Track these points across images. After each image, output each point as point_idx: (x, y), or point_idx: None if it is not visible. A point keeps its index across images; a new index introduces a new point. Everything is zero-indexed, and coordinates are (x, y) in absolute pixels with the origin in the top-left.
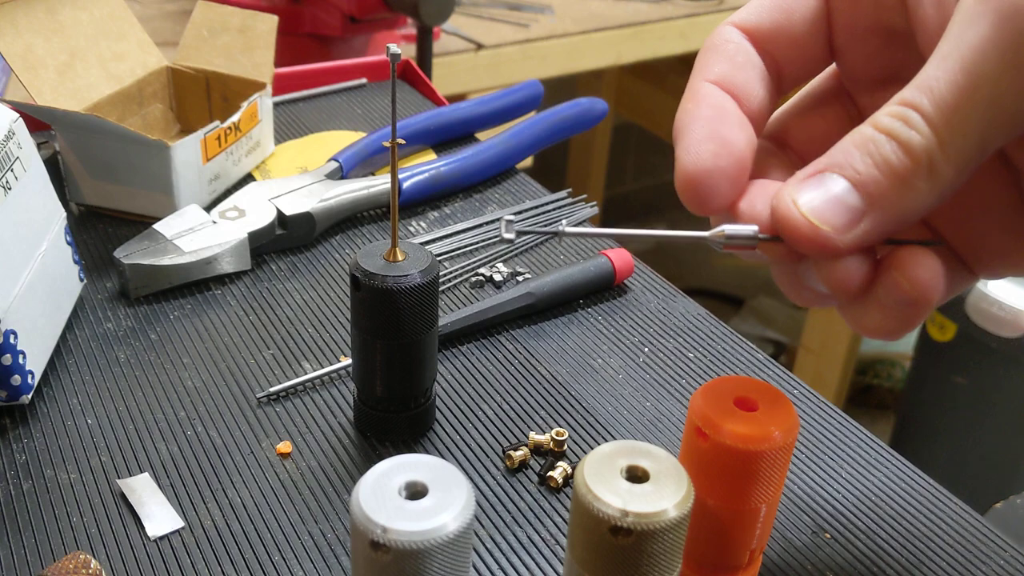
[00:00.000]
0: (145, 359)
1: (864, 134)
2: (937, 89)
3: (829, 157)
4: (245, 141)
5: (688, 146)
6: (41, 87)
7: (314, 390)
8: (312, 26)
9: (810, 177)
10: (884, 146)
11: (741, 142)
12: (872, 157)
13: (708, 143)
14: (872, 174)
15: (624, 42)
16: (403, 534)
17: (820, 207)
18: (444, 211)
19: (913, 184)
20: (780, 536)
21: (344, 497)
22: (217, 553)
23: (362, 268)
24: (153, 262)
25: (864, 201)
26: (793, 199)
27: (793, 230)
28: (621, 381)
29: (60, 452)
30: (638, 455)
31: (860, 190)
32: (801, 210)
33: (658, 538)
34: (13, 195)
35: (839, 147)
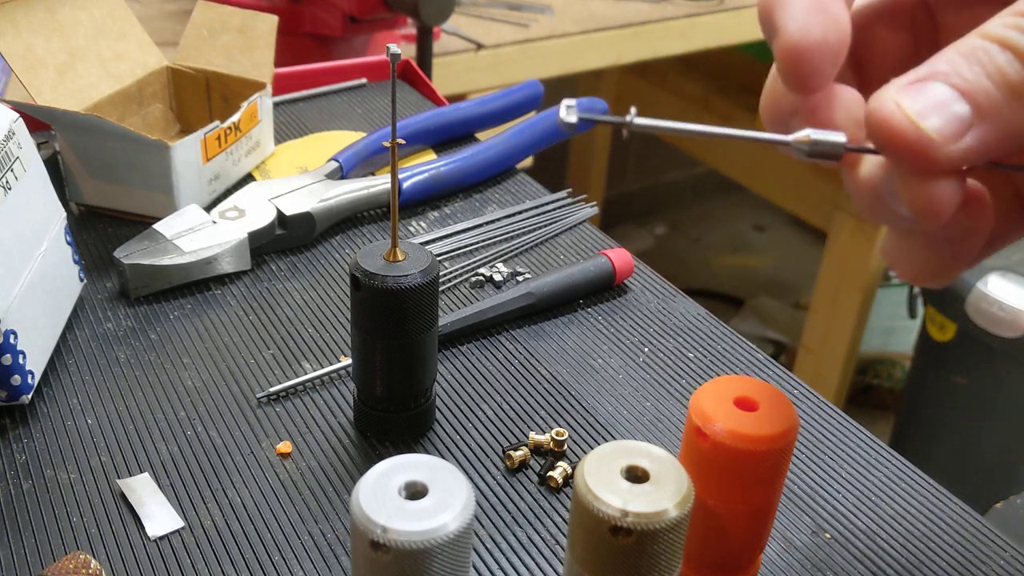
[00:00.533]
0: (145, 359)
1: (972, 44)
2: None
3: (931, 65)
4: (245, 141)
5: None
6: (41, 87)
7: (314, 390)
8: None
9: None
10: (997, 56)
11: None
12: (983, 66)
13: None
14: (983, 83)
15: (624, 42)
16: (403, 534)
17: (925, 111)
18: (444, 211)
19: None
20: (780, 536)
21: (344, 497)
22: (217, 553)
23: (362, 268)
24: (153, 262)
25: (973, 111)
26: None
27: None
28: (621, 381)
29: (60, 452)
30: (638, 455)
31: (969, 99)
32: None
33: (658, 538)
34: (13, 195)
35: (942, 56)
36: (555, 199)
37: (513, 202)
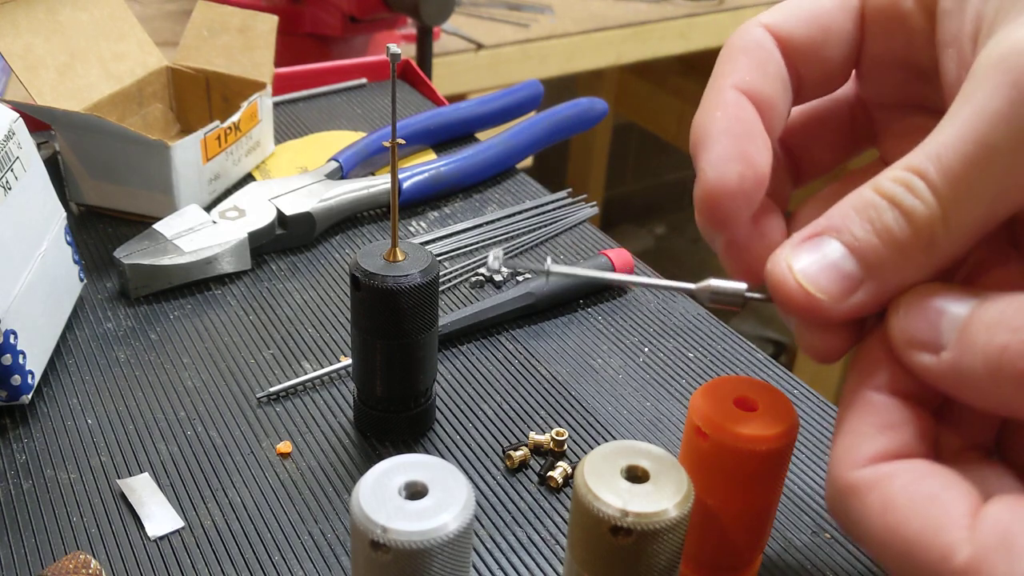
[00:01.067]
0: (145, 359)
1: (865, 198)
2: (945, 157)
3: (828, 219)
4: (245, 141)
5: (713, 160)
6: (41, 87)
7: (314, 390)
8: (312, 26)
9: (807, 240)
10: (886, 213)
11: (765, 164)
12: (872, 223)
13: (735, 163)
14: (871, 241)
15: (624, 42)
16: (403, 534)
17: (816, 274)
18: (444, 211)
19: (912, 255)
20: (780, 536)
21: (344, 497)
22: (217, 553)
23: (362, 268)
24: (153, 262)
25: (861, 269)
26: (789, 263)
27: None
28: (621, 381)
29: (60, 452)
30: (638, 455)
31: (858, 257)
32: (796, 277)
33: (658, 538)
34: (13, 195)
35: (838, 209)
36: (555, 199)
37: (513, 202)
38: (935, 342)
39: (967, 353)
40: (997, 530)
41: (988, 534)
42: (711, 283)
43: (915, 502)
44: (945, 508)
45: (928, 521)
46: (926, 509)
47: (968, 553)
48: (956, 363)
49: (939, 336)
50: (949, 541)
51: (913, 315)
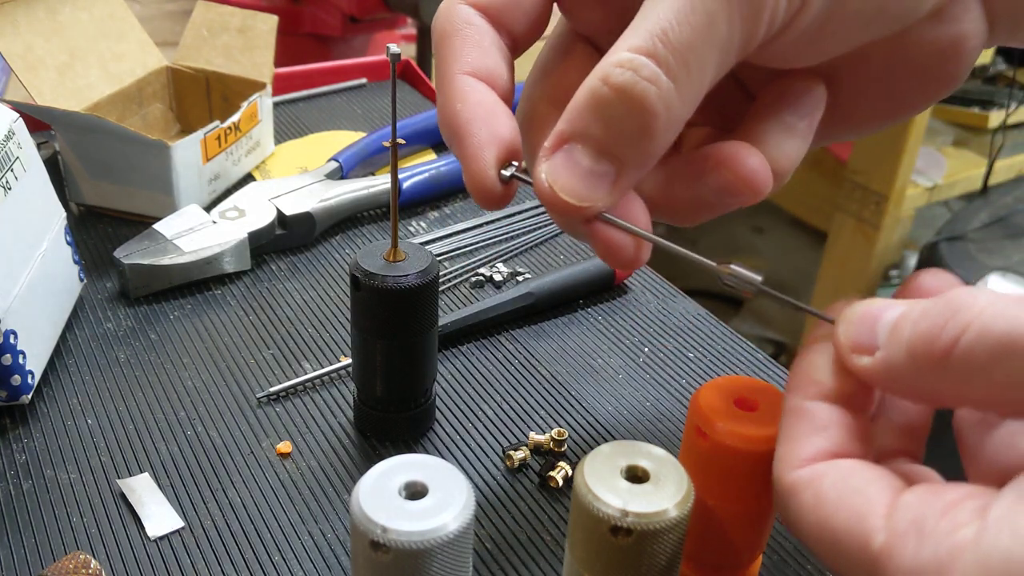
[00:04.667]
0: (145, 359)
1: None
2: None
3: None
4: (245, 141)
5: (473, 153)
6: (41, 87)
7: (314, 390)
8: (312, 26)
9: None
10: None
11: (513, 134)
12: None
13: (490, 147)
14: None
15: None
16: (403, 534)
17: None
18: (444, 211)
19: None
20: (780, 536)
21: (344, 497)
22: (217, 553)
23: (362, 268)
24: (153, 262)
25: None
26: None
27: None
28: (621, 381)
29: (60, 452)
30: (638, 455)
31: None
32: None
33: (658, 538)
34: (13, 195)
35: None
36: None
37: (513, 202)
38: (872, 345)
39: (893, 348)
40: (908, 516)
41: (900, 520)
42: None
43: (842, 496)
44: (868, 500)
45: (852, 512)
46: (851, 501)
47: (883, 538)
48: (886, 359)
49: (875, 339)
50: (868, 528)
51: (855, 324)
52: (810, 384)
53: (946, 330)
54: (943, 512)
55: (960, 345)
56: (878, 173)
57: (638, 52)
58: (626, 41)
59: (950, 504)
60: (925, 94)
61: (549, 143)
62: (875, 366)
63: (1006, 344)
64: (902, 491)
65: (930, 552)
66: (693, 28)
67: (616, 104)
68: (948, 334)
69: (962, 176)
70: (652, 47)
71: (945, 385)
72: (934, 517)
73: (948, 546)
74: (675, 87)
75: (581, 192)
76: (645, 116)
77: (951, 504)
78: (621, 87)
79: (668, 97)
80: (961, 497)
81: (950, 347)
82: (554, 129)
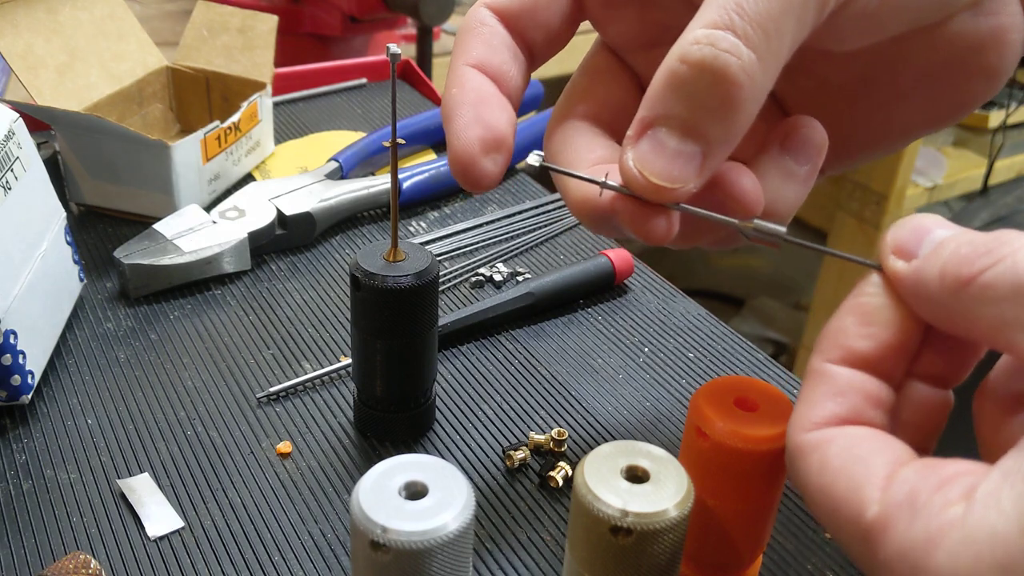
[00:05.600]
0: (145, 359)
1: (677, 74)
2: (748, 3)
3: (650, 108)
4: (245, 141)
5: (457, 131)
6: (41, 87)
7: (314, 390)
8: (312, 26)
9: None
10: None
11: (504, 123)
12: (691, 99)
13: (475, 127)
14: (698, 116)
15: None
16: (403, 534)
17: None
18: (444, 211)
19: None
20: (780, 536)
21: (344, 497)
22: (217, 553)
23: (362, 268)
24: (153, 262)
25: (700, 145)
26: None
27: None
28: (621, 381)
29: (60, 452)
30: (638, 455)
31: (692, 136)
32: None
33: (658, 538)
34: (13, 195)
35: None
36: (555, 199)
37: (513, 202)
38: (913, 252)
39: (929, 263)
40: (904, 490)
41: (896, 493)
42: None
43: (845, 464)
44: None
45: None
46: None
47: (877, 510)
48: (919, 269)
49: (917, 248)
50: (864, 499)
51: (904, 228)
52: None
53: (980, 259)
54: (937, 487)
55: (986, 274)
56: (878, 173)
57: (715, 27)
58: (700, 19)
59: (944, 480)
60: (966, 92)
61: (632, 131)
62: (907, 271)
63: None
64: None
65: (921, 528)
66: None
67: (697, 80)
68: (980, 263)
69: (962, 176)
70: (729, 20)
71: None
72: (927, 492)
73: (938, 523)
74: (756, 57)
75: (672, 173)
76: (729, 88)
77: (945, 480)
78: (701, 62)
79: (750, 68)
80: (956, 473)
81: (977, 274)
82: (635, 118)
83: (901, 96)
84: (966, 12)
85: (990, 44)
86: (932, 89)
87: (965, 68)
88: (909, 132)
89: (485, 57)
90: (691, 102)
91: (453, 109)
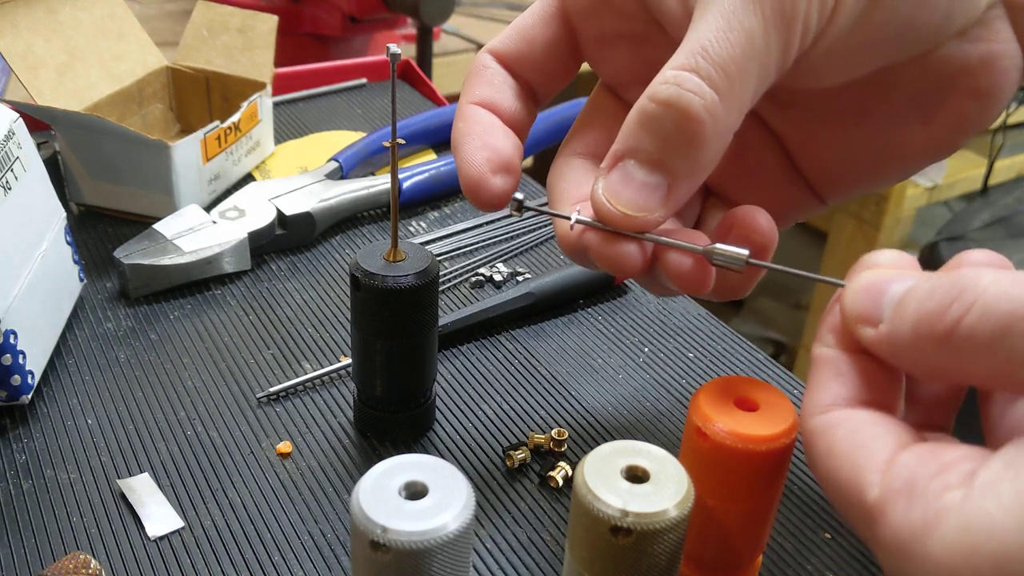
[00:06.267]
0: (145, 359)
1: (645, 111)
2: (713, 49)
3: (622, 142)
4: (245, 141)
5: (465, 157)
6: (41, 87)
7: (314, 390)
8: (312, 26)
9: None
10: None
11: (508, 147)
12: (658, 134)
13: (481, 151)
14: (664, 151)
15: None
16: (403, 534)
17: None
18: (444, 211)
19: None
20: (780, 536)
21: (344, 497)
22: (217, 553)
23: (362, 268)
24: (153, 262)
25: (665, 177)
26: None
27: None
28: (621, 381)
29: (60, 452)
30: (638, 455)
31: (659, 169)
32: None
33: (658, 538)
34: (13, 195)
35: (627, 129)
36: None
37: None
38: (877, 317)
39: (898, 323)
40: (903, 475)
41: (895, 478)
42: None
43: (849, 449)
44: (870, 454)
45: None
46: (855, 455)
47: (876, 494)
48: (890, 333)
49: (880, 312)
50: (865, 482)
51: (860, 295)
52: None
53: (951, 310)
54: (936, 473)
55: (963, 324)
56: None
57: (681, 68)
58: (671, 62)
59: (944, 466)
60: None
61: (604, 164)
62: (879, 339)
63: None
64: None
65: (919, 513)
66: (732, 43)
67: (663, 117)
68: (952, 314)
69: (962, 176)
70: (694, 63)
71: (949, 362)
72: (926, 477)
73: (935, 508)
74: (719, 98)
75: (639, 203)
76: (692, 126)
77: (945, 466)
78: (667, 100)
79: (713, 107)
80: (957, 459)
81: (953, 327)
82: (608, 151)
83: (896, 122)
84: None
85: (980, 70)
86: (926, 113)
87: (957, 92)
88: (909, 160)
89: (488, 95)
90: (658, 137)
91: (460, 140)
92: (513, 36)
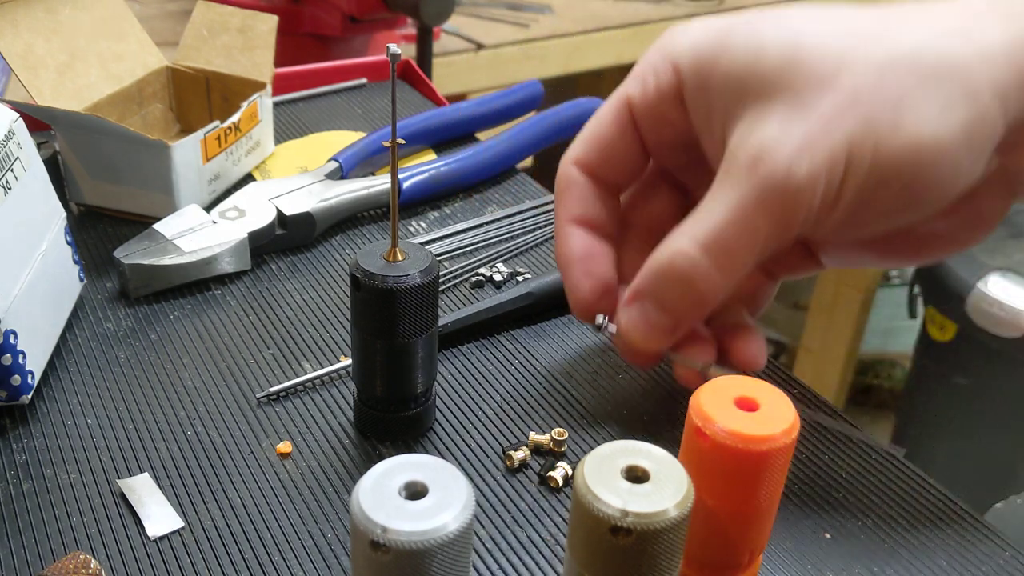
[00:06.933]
0: (145, 359)
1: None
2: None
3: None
4: (245, 141)
5: (576, 285)
6: (41, 87)
7: (314, 390)
8: (312, 26)
9: (633, 302)
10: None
11: (609, 271)
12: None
13: (588, 280)
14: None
15: (624, 42)
16: (403, 534)
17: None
18: (444, 211)
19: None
20: (780, 536)
21: (344, 497)
22: (217, 553)
23: (362, 268)
24: (153, 262)
25: (672, 320)
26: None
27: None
28: (621, 381)
29: (60, 452)
30: (638, 455)
31: (669, 314)
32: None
33: (658, 538)
34: (13, 195)
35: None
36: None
37: (513, 202)
38: None
39: None
40: None
41: None
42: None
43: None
44: None
45: None
46: None
47: None
48: None
49: None
50: None
51: None
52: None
53: None
54: None
55: None
56: None
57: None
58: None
59: None
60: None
61: (628, 294)
62: None
63: None
64: None
65: None
66: (740, 234)
67: (675, 280)
68: None
69: None
70: (706, 246)
71: None
72: None
73: None
74: (721, 275)
75: (649, 339)
76: (693, 291)
77: None
78: (681, 273)
79: (715, 281)
80: None
81: None
82: (632, 284)
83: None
84: None
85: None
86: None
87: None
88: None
89: (581, 212)
90: (670, 293)
91: (567, 264)
92: (591, 143)
